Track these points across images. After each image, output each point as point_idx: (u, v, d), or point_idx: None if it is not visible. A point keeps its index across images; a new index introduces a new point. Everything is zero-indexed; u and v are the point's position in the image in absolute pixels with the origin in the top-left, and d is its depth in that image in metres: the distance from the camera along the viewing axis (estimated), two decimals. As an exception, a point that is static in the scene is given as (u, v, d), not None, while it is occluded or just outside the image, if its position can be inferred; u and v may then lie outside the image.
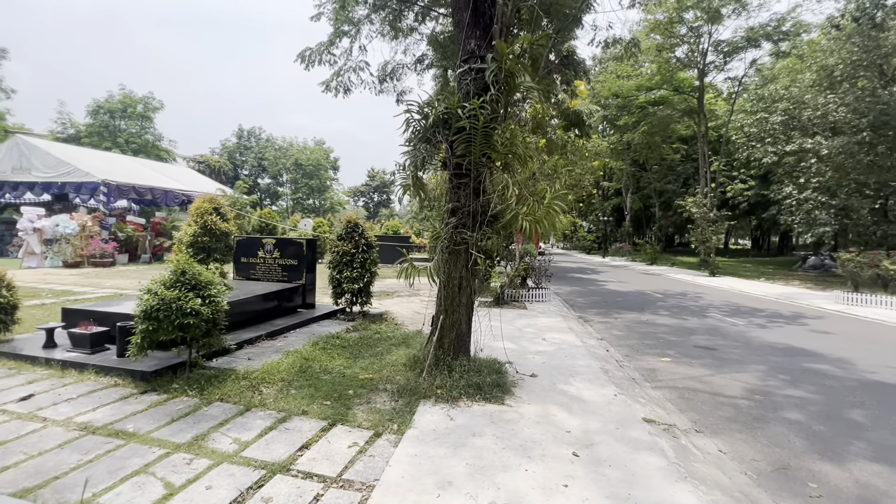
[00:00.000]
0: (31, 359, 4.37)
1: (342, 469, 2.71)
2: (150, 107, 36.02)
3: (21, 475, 2.51)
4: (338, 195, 56.03)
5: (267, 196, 51.38)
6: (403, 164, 4.56)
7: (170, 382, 3.92)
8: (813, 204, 17.28)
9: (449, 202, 4.46)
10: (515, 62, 4.25)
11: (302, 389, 3.92)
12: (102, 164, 18.39)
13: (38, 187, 16.62)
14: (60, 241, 14.08)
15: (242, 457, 2.80)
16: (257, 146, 51.89)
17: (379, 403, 3.75)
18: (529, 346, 6.01)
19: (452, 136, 4.14)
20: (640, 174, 34.31)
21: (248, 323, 5.93)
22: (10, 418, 3.24)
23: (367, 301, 7.12)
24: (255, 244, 7.51)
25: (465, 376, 4.13)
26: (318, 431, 3.19)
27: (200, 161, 42.67)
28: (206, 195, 7.87)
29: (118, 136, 34.43)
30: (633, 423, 3.60)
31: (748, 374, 5.40)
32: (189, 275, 3.95)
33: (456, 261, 4.37)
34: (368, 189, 62.40)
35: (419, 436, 3.18)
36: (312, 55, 9.83)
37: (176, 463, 2.70)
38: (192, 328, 3.86)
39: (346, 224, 6.99)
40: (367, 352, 5.25)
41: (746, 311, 10.06)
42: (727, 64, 25.30)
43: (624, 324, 8.42)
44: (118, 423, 3.20)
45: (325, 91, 10.89)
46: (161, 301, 3.75)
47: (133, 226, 17.18)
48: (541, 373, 4.81)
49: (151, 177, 19.76)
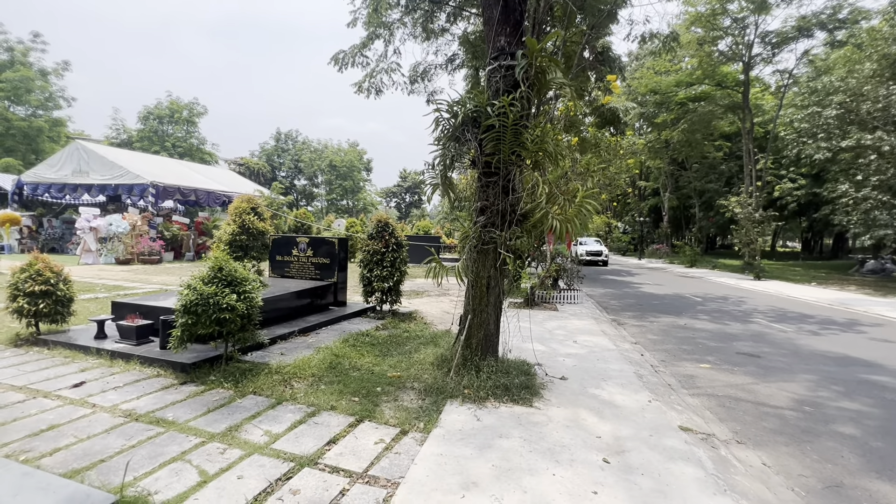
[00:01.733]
0: (84, 348, 4.67)
1: (368, 465, 2.74)
2: (194, 112, 37.87)
3: (71, 457, 2.67)
4: (370, 196, 57.01)
5: (302, 197, 52.92)
6: (432, 163, 4.56)
7: (207, 374, 4.08)
8: (872, 203, 16.06)
9: (477, 201, 4.43)
10: (546, 58, 4.17)
11: (331, 385, 3.99)
12: (151, 167, 19.47)
13: (94, 189, 17.79)
14: (113, 239, 15.01)
15: (272, 449, 2.87)
16: (294, 148, 53.56)
17: (406, 401, 3.76)
18: (560, 348, 5.88)
19: (482, 135, 4.10)
20: (680, 173, 32.99)
21: (282, 319, 6.10)
22: (63, 403, 3.46)
23: (397, 300, 7.18)
24: (290, 243, 7.73)
25: (492, 377, 4.08)
26: (345, 427, 3.23)
27: (240, 163, 44.49)
28: (244, 195, 8.16)
29: (166, 140, 36.39)
30: (669, 430, 3.45)
31: (797, 383, 5.07)
32: (225, 271, 4.11)
33: (484, 260, 4.33)
34: (400, 190, 63.08)
35: (445, 435, 3.17)
36: (346, 57, 10.03)
37: (210, 452, 2.81)
38: (228, 323, 4.01)
39: (377, 223, 7.08)
40: (395, 350, 5.29)
41: (795, 317, 9.46)
42: (775, 56, 23.93)
43: (660, 328, 8.10)
44: (159, 411, 3.36)
45: (358, 92, 11.10)
46: (199, 296, 3.91)
47: (178, 225, 18.10)
48: (571, 376, 4.69)
49: (195, 178, 20.75)
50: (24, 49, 31.21)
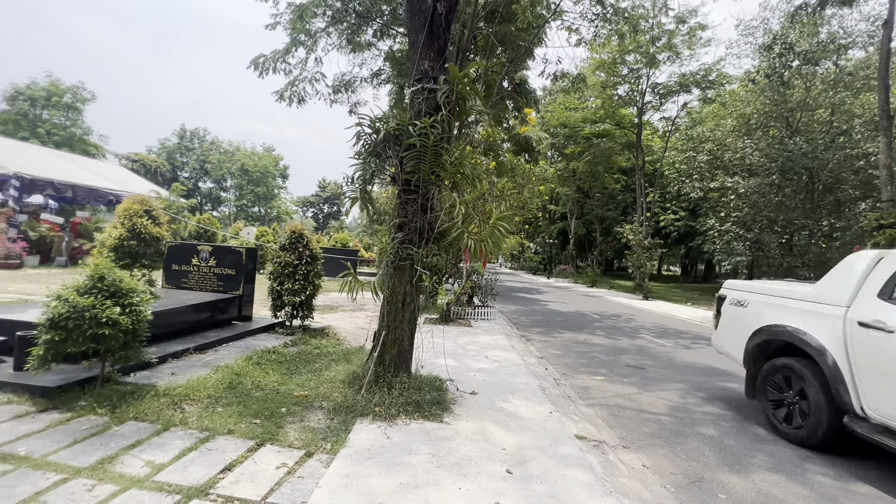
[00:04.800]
0: None
1: (267, 492, 2.57)
2: (78, 97, 33.24)
3: None
4: (286, 204, 54.26)
5: (208, 201, 48.70)
6: (352, 177, 4.52)
7: (76, 399, 3.54)
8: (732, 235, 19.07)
9: (397, 217, 4.47)
10: (467, 86, 4.40)
11: (230, 407, 3.69)
12: (16, 155, 16.60)
13: (-68, 176, 14.65)
14: (-44, 237, 12.44)
15: (154, 481, 2.57)
16: (200, 148, 49.27)
17: (313, 422, 3.61)
18: (472, 363, 6.07)
19: (403, 153, 4.17)
20: (585, 201, 36.24)
21: (176, 335, 5.53)
22: None
23: (309, 315, 6.88)
24: (190, 251, 7.06)
25: (404, 393, 4.09)
26: (244, 452, 3.00)
27: (135, 160, 39.72)
28: (136, 196, 7.31)
29: (39, 126, 31.36)
30: (566, 439, 3.72)
31: (671, 391, 5.77)
32: (108, 280, 3.64)
33: (401, 276, 4.36)
34: (318, 200, 60.90)
35: (353, 455, 3.09)
36: (266, 63, 9.60)
37: (74, 490, 2.43)
38: (108, 339, 3.53)
39: (291, 234, 6.77)
40: (304, 367, 5.06)
41: (673, 333, 10.79)
42: (662, 105, 27.62)
43: (563, 343, 8.73)
44: (7, 445, 2.84)
45: (279, 100, 10.64)
46: (72, 308, 3.41)
47: (48, 224, 15.57)
48: (481, 390, 4.86)
49: (74, 172, 18.09)
50: None
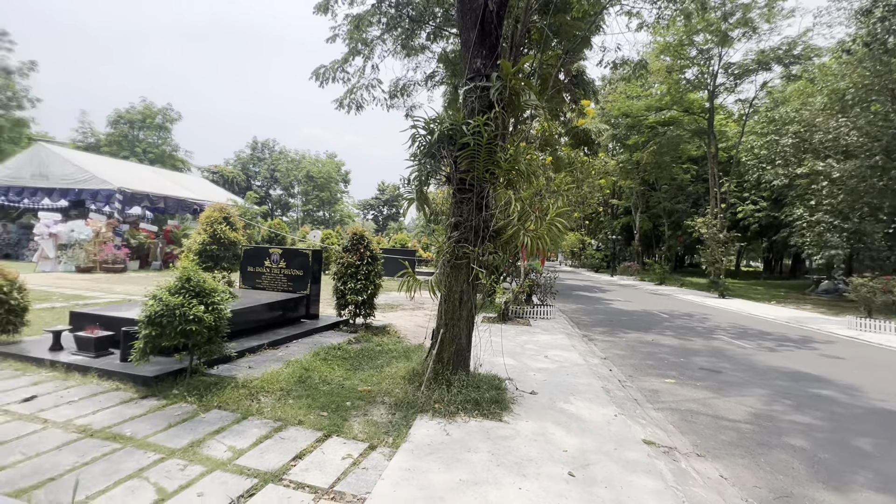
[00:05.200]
0: (37, 360, 4.45)
1: (334, 480, 2.71)
2: (168, 118, 37.01)
3: (17, 475, 2.54)
4: (347, 208, 56.64)
5: (278, 207, 52.10)
6: (409, 179, 4.63)
7: (170, 388, 3.95)
8: (825, 226, 17.06)
9: (452, 216, 4.51)
10: (520, 81, 4.34)
11: (300, 399, 3.93)
12: (119, 172, 18.86)
13: (55, 193, 17.06)
14: (74, 246, 14.38)
15: (236, 464, 2.80)
16: (270, 158, 52.86)
17: (376, 416, 3.74)
18: (531, 363, 5.97)
19: (457, 152, 4.20)
20: (650, 193, 34.22)
21: (252, 332, 5.98)
22: (11, 419, 3.29)
23: (371, 313, 7.14)
24: (262, 254, 7.61)
25: (463, 391, 4.11)
26: (312, 442, 3.19)
27: (214, 171, 43.53)
28: (216, 204, 8.02)
29: (136, 145, 35.34)
30: (633, 444, 3.55)
31: (753, 398, 5.29)
32: (194, 282, 4.02)
33: (457, 275, 4.39)
34: (378, 202, 62.94)
35: (413, 450, 3.17)
36: (327, 73, 10.08)
37: (170, 468, 2.72)
38: (195, 335, 3.91)
39: (352, 236, 7.07)
40: (367, 364, 5.25)
41: (754, 334, 9.88)
42: (738, 86, 25.34)
43: (628, 343, 8.32)
44: (116, 426, 3.23)
45: (339, 108, 11.14)
46: (165, 307, 3.81)
47: (145, 233, 17.50)
48: (541, 390, 4.77)
49: (166, 186, 20.18)
50: (-14, 45, 29.91)
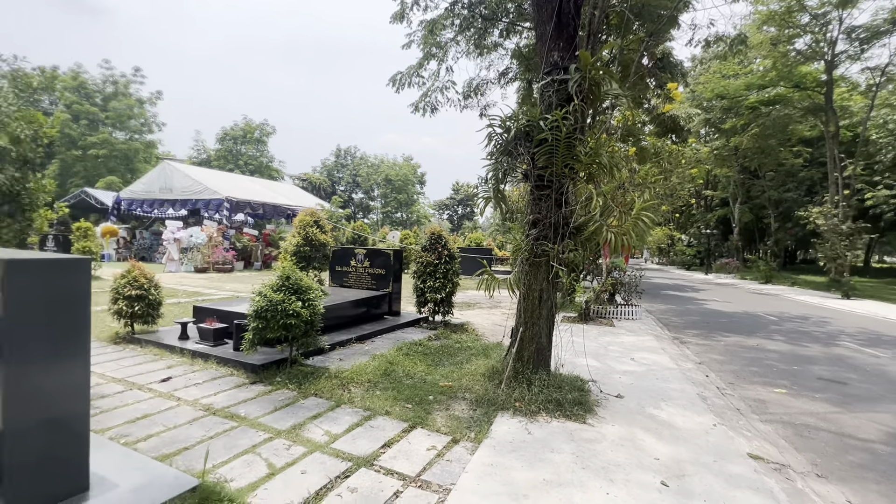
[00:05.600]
0: (170, 347, 5.20)
1: (421, 470, 2.83)
2: (264, 132, 40.92)
3: (161, 443, 3.01)
4: (424, 208, 58.15)
5: (359, 209, 55.06)
6: (485, 177, 4.66)
7: (274, 375, 4.40)
8: None
9: (530, 214, 4.46)
10: (600, 70, 4.16)
11: (386, 391, 4.16)
12: (226, 183, 21.26)
13: (177, 204, 19.71)
14: (193, 249, 16.51)
15: (332, 448, 3.05)
16: (352, 164, 56.08)
17: (457, 411, 3.83)
18: (615, 365, 5.69)
19: (534, 149, 4.15)
20: (752, 182, 30.68)
21: (340, 327, 6.42)
22: (153, 395, 3.89)
23: (449, 311, 7.30)
24: (349, 254, 8.13)
25: (544, 391, 4.05)
26: (399, 432, 3.36)
27: (304, 179, 47.24)
28: (307, 209, 8.73)
29: (239, 158, 39.53)
30: (736, 457, 3.24)
31: (889, 414, 4.53)
32: (292, 280, 4.43)
33: (536, 273, 4.33)
34: (453, 202, 63.81)
35: (496, 446, 3.19)
36: (403, 78, 10.45)
37: (277, 447, 3.04)
38: (294, 328, 4.31)
39: (430, 236, 7.28)
40: (447, 360, 5.39)
41: (890, 342, 8.44)
42: (864, 52, 21.75)
43: (726, 347, 7.56)
44: (233, 407, 3.68)
45: (414, 111, 11.51)
46: (269, 303, 4.25)
47: (248, 237, 19.54)
48: (627, 394, 4.53)
49: (263, 193, 22.35)
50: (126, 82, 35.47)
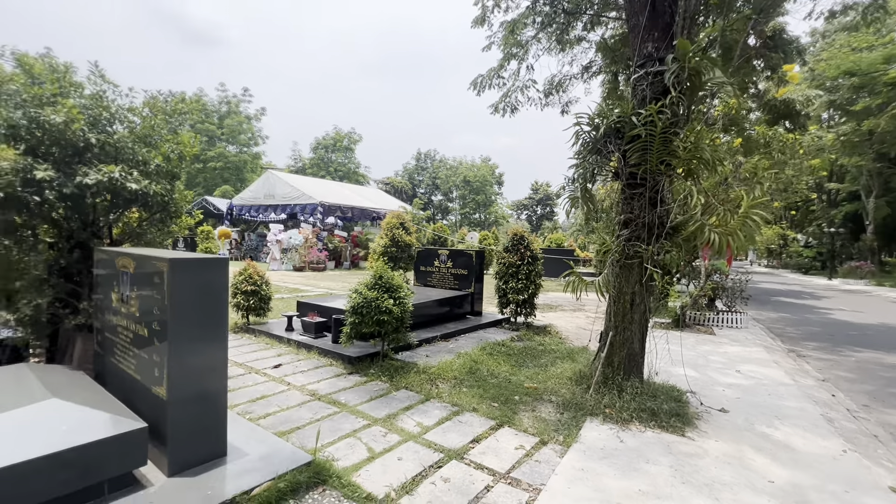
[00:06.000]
0: (278, 338, 5.82)
1: (510, 467, 2.87)
2: (352, 140, 43.68)
3: (277, 421, 3.41)
4: (501, 209, 57.87)
5: (438, 211, 56.38)
6: (572, 178, 4.57)
7: (368, 367, 4.73)
8: None
9: (621, 213, 4.28)
10: (701, 59, 3.87)
11: (472, 389, 4.26)
12: (319, 189, 23.07)
13: (279, 209, 21.81)
14: (291, 250, 18.17)
15: (424, 439, 3.21)
16: (432, 166, 57.61)
17: (544, 413, 3.81)
18: (718, 376, 5.23)
19: (626, 146, 3.98)
20: (891, 171, 26.00)
21: (425, 325, 6.68)
22: (268, 379, 4.40)
23: (532, 312, 7.23)
24: (432, 255, 8.41)
25: (636, 399, 3.87)
26: (487, 429, 3.43)
27: (387, 182, 49.61)
28: (393, 212, 9.20)
29: (330, 165, 42.61)
30: (873, 489, 2.83)
31: None
32: (384, 279, 4.73)
33: (628, 275, 4.15)
34: (531, 202, 62.68)
35: (585, 451, 3.13)
36: (483, 81, 10.55)
37: (374, 433, 3.28)
38: (386, 324, 4.60)
39: (513, 236, 7.27)
40: (531, 362, 5.35)
41: None
42: None
43: (858, 364, 6.54)
44: (334, 394, 4.03)
45: (494, 113, 11.55)
46: (364, 299, 4.58)
47: (338, 238, 21.01)
48: (733, 409, 4.15)
49: (352, 198, 23.88)
50: (237, 101, 40.08)
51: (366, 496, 2.47)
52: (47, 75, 3.48)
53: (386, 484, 2.61)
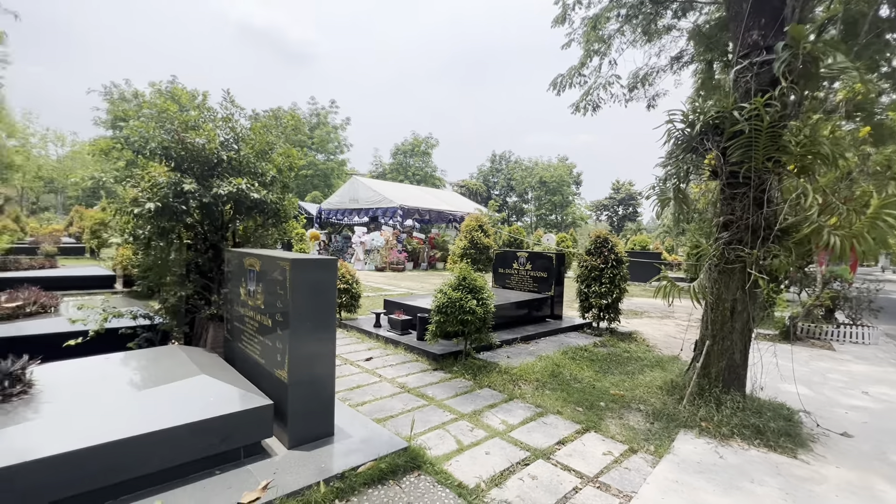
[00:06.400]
0: (367, 333, 6.25)
1: (598, 472, 2.86)
2: (429, 144, 44.92)
3: (374, 410, 3.71)
4: (579, 210, 55.79)
5: (513, 213, 55.85)
6: (663, 177, 4.37)
7: (451, 365, 4.92)
8: None
9: (720, 215, 4.01)
10: (819, 44, 3.51)
11: (555, 392, 4.25)
12: (399, 192, 24.08)
13: (361, 212, 23.14)
14: (373, 251, 19.20)
15: (510, 436, 3.30)
16: (506, 168, 57.25)
17: (632, 421, 3.70)
18: (838, 397, 4.65)
19: (726, 142, 3.73)
20: None
21: (505, 326, 6.74)
22: (361, 371, 4.77)
23: (616, 318, 6.97)
24: (510, 257, 8.44)
25: (738, 414, 3.60)
26: (572, 432, 3.42)
27: (462, 185, 50.25)
28: (472, 214, 9.39)
29: (408, 169, 44.23)
30: None
31: None
32: (468, 280, 4.89)
33: (728, 281, 3.88)
34: (612, 202, 59.59)
35: (680, 463, 3.00)
36: (563, 81, 10.32)
37: (461, 427, 3.43)
38: (469, 324, 4.75)
39: (595, 239, 7.06)
40: (616, 368, 5.19)
41: None
42: None
43: None
44: (421, 388, 4.27)
45: (575, 112, 11.25)
46: (449, 299, 4.78)
47: (417, 240, 21.77)
48: (859, 434, 3.68)
49: (429, 200, 24.59)
50: (325, 113, 43.25)
51: (457, 484, 2.62)
52: (190, 102, 4.14)
53: (475, 475, 2.74)
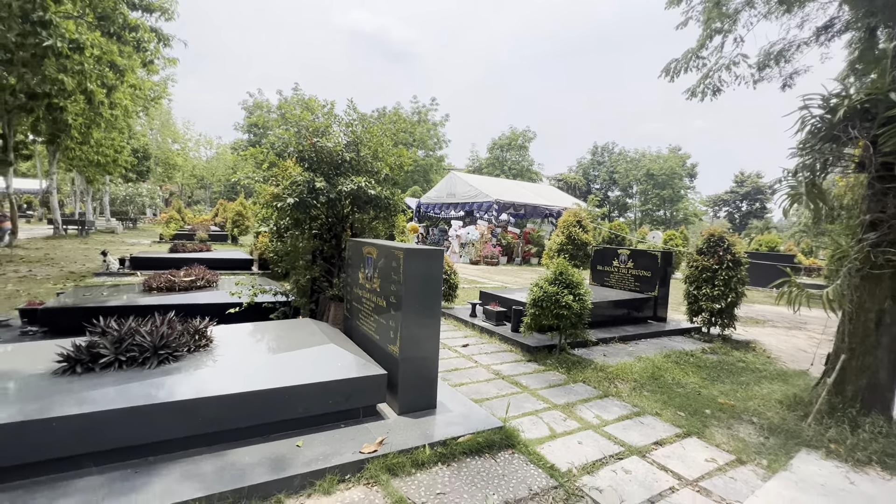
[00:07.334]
0: (463, 321, 6.58)
1: (699, 476, 2.78)
2: (527, 138, 44.25)
3: (470, 391, 3.98)
4: (693, 205, 50.53)
5: (615, 208, 52.57)
6: (794, 169, 3.93)
7: (545, 358, 5.00)
8: None
9: (866, 213, 3.52)
10: None
11: (654, 394, 4.12)
12: (494, 187, 24.25)
13: (458, 206, 23.78)
14: (468, 245, 19.67)
15: (603, 430, 3.33)
16: (609, 160, 53.97)
17: (742, 433, 3.46)
18: None
19: (877, 130, 3.26)
20: None
21: (602, 324, 6.57)
22: (458, 356, 5.09)
23: (730, 324, 6.37)
24: (610, 254, 8.13)
25: (879, 439, 3.17)
26: (672, 435, 3.33)
27: (559, 179, 48.68)
28: (571, 210, 9.20)
29: (504, 164, 44.10)
30: None
31: None
32: (565, 275, 4.92)
33: (873, 288, 3.40)
34: (734, 197, 52.87)
35: (798, 482, 2.77)
36: (678, 66, 9.54)
37: (554, 416, 3.54)
38: (565, 318, 4.79)
39: (709, 237, 6.52)
40: (727, 378, 4.81)
41: None
42: None
43: None
44: (515, 377, 4.44)
45: (690, 98, 10.33)
46: (544, 293, 4.86)
47: (511, 234, 21.77)
48: None
49: (525, 195, 24.36)
50: (426, 110, 44.96)
51: (549, 466, 2.76)
52: (320, 110, 4.79)
53: (567, 461, 2.85)
